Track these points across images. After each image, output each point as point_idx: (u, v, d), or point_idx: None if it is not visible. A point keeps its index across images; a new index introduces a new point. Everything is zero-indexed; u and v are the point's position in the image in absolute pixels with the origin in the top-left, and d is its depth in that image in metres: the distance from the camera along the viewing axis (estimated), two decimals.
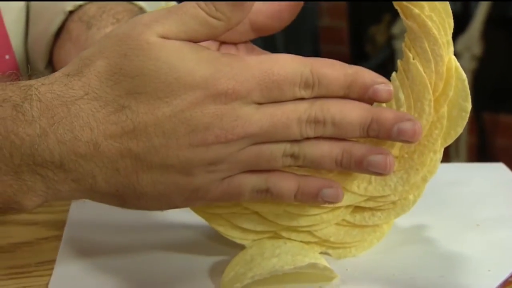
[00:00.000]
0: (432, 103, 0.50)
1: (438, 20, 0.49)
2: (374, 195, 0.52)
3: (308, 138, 0.47)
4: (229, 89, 0.45)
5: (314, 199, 0.49)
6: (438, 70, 0.49)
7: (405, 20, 0.50)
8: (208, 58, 0.45)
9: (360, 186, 0.52)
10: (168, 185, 0.47)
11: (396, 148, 0.51)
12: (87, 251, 0.56)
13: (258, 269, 0.50)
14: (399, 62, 0.51)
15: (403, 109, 0.50)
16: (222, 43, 0.56)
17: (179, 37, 0.45)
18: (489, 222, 0.58)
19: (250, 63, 0.46)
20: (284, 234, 0.53)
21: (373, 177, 0.52)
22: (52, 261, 0.55)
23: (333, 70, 0.47)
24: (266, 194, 0.49)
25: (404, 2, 0.49)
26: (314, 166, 0.49)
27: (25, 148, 0.44)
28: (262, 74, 0.46)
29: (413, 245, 0.55)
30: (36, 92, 0.45)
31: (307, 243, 0.54)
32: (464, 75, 0.50)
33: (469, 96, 0.50)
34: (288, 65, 0.46)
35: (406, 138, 0.47)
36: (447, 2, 0.49)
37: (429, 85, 0.49)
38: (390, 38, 2.30)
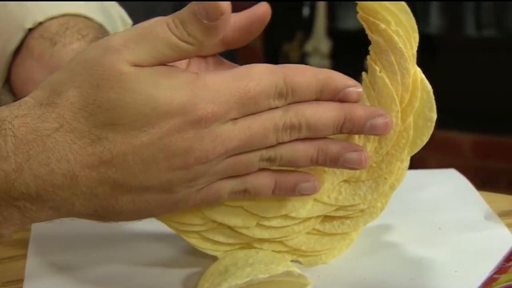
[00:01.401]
0: (399, 114, 0.52)
1: (404, 35, 0.51)
2: (344, 205, 0.53)
3: (283, 142, 0.49)
4: (208, 113, 0.45)
5: (292, 193, 0.51)
6: (404, 82, 0.51)
7: (371, 34, 0.51)
8: (184, 82, 0.45)
9: (331, 196, 0.53)
10: (148, 202, 0.47)
11: None
12: (54, 267, 0.55)
13: (233, 279, 0.50)
14: (364, 75, 0.52)
15: None
16: None
17: (150, 63, 0.45)
18: (450, 225, 0.60)
19: (226, 81, 0.46)
20: (256, 244, 0.54)
21: (343, 187, 0.53)
22: (19, 280, 0.54)
23: (305, 78, 0.48)
24: (244, 194, 0.50)
25: (370, 18, 0.51)
26: (290, 165, 0.50)
27: (1, 183, 0.44)
28: (239, 93, 0.46)
29: (382, 250, 0.57)
30: (10, 126, 0.44)
31: (279, 252, 0.55)
32: (430, 87, 0.52)
33: (434, 107, 0.52)
34: (262, 78, 0.47)
35: (378, 133, 0.50)
36: (413, 18, 0.51)
37: (396, 96, 0.51)
38: (303, 55, 2.35)
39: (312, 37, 2.35)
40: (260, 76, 0.47)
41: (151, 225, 0.56)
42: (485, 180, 2.24)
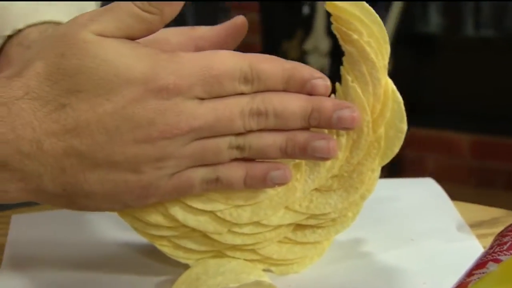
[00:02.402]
0: (370, 124, 0.52)
1: (376, 46, 0.51)
2: (315, 213, 0.54)
3: (252, 131, 0.49)
4: (170, 84, 0.46)
5: (263, 182, 0.51)
6: (376, 92, 0.51)
7: (344, 45, 0.52)
8: (147, 54, 0.46)
9: (302, 205, 0.53)
10: (117, 183, 0.47)
11: (336, 167, 0.53)
12: (29, 273, 0.56)
13: (203, 287, 0.51)
14: (337, 85, 0.53)
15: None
16: None
17: (115, 35, 0.47)
18: (422, 235, 0.60)
19: (190, 59, 0.47)
20: (228, 253, 0.54)
21: (314, 195, 0.53)
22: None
23: (271, 65, 0.48)
24: (216, 184, 0.50)
25: (343, 28, 0.51)
26: (259, 156, 0.50)
27: None
28: (202, 70, 0.47)
29: (352, 260, 0.57)
30: None
31: (251, 260, 0.55)
32: (400, 98, 0.52)
33: (405, 118, 0.52)
34: (227, 60, 0.47)
35: (345, 125, 0.50)
36: (385, 29, 0.51)
37: (367, 107, 0.51)
38: (303, 54, 2.35)
39: (311, 35, 2.35)
40: (225, 58, 0.48)
41: (124, 232, 0.56)
42: (483, 180, 2.25)
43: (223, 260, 0.54)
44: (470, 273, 0.44)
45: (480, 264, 0.45)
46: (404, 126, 0.53)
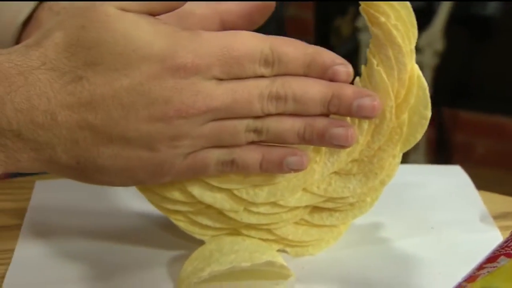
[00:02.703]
0: (393, 110, 0.51)
1: (403, 30, 0.50)
2: (333, 196, 0.53)
3: (270, 115, 0.48)
4: (188, 63, 0.45)
5: (279, 167, 0.50)
6: (401, 77, 0.50)
7: (371, 27, 0.51)
8: (167, 31, 0.46)
9: (320, 187, 0.53)
10: (131, 159, 0.47)
11: (356, 152, 0.52)
12: (47, 239, 0.57)
13: (216, 264, 0.51)
14: (363, 67, 0.52)
15: None
16: None
17: (137, 10, 0.46)
18: (443, 225, 0.59)
19: (210, 38, 0.46)
20: (243, 231, 0.54)
21: (333, 179, 0.53)
22: (13, 250, 0.55)
23: (293, 49, 0.48)
24: (232, 166, 0.50)
25: (371, 10, 0.50)
26: (277, 141, 0.49)
27: None
28: (221, 50, 0.46)
29: (369, 246, 0.57)
30: None
31: (266, 240, 0.55)
32: (426, 84, 0.51)
33: (429, 104, 0.51)
34: (248, 41, 0.47)
35: (365, 114, 0.49)
36: (413, 13, 0.50)
37: (391, 91, 0.50)
38: (355, 31, 2.32)
39: None
40: (246, 39, 0.47)
41: (143, 205, 0.56)
42: None
43: (237, 238, 0.54)
44: (480, 267, 0.43)
45: (492, 258, 0.44)
46: (428, 113, 0.52)
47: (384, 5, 0.49)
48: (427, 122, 0.52)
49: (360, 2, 0.51)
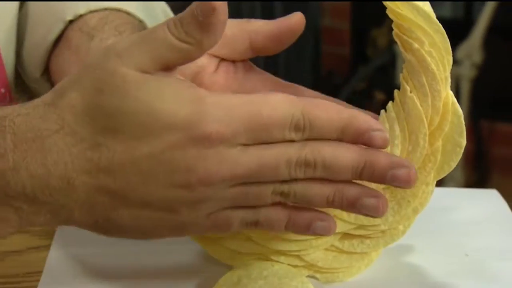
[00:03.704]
0: (427, 137, 0.50)
1: (438, 56, 0.49)
2: (364, 224, 0.52)
3: (298, 179, 0.46)
4: (213, 133, 0.43)
5: (306, 231, 0.48)
6: (435, 104, 0.50)
7: (404, 53, 0.50)
8: (191, 97, 0.44)
9: (351, 215, 0.52)
10: (151, 220, 0.46)
11: None
12: (75, 261, 0.56)
13: None
14: (396, 92, 0.51)
15: (398, 141, 0.50)
16: (222, 59, 0.56)
17: (153, 67, 0.44)
18: (478, 252, 0.58)
19: (237, 104, 0.44)
20: (272, 257, 0.54)
21: None
22: (40, 272, 0.55)
23: (327, 113, 0.45)
24: (256, 226, 0.48)
25: (404, 36, 0.49)
26: (305, 204, 0.47)
27: None
28: (249, 117, 0.44)
29: (401, 273, 0.56)
30: (11, 124, 0.45)
31: (295, 266, 0.54)
32: (461, 111, 0.50)
33: (464, 132, 0.50)
34: (278, 106, 0.44)
35: (400, 184, 0.47)
36: (447, 40, 0.49)
37: (425, 119, 0.50)
38: (392, 42, 2.30)
39: None
40: (277, 103, 0.44)
41: None
42: None
43: (266, 264, 0.53)
44: None
45: None
46: (463, 141, 0.51)
47: (417, 31, 0.49)
48: (461, 150, 0.51)
49: (394, 28, 0.50)
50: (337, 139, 0.46)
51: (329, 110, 0.45)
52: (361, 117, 0.45)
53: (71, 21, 0.65)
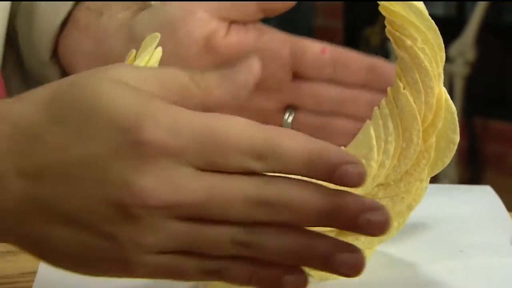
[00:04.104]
0: (420, 134, 0.50)
1: (431, 53, 0.49)
2: None
3: (262, 224, 0.39)
4: (156, 141, 0.37)
5: (273, 286, 0.41)
6: (428, 101, 0.50)
7: (397, 50, 0.50)
8: (141, 98, 0.39)
9: None
10: (86, 246, 0.39)
11: (382, 176, 0.51)
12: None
13: None
14: (389, 89, 0.51)
15: (391, 138, 0.50)
16: (232, 22, 0.56)
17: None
18: (473, 248, 0.58)
19: (190, 115, 0.39)
20: None
21: None
22: (34, 272, 0.54)
23: (293, 142, 0.39)
24: (219, 278, 0.41)
25: (397, 33, 0.49)
26: (274, 260, 0.40)
27: None
28: (203, 131, 0.38)
29: (396, 269, 0.56)
30: None
31: None
32: (454, 108, 0.50)
33: (458, 128, 0.51)
34: (238, 127, 0.39)
35: (372, 232, 0.40)
36: (440, 36, 0.49)
37: (418, 115, 0.50)
38: (384, 41, 2.31)
39: None
40: (237, 124, 0.39)
41: None
42: None
43: None
44: None
45: None
46: (457, 137, 0.51)
47: (410, 28, 0.49)
48: (455, 147, 0.51)
49: (386, 25, 0.50)
50: (305, 175, 0.40)
51: (297, 139, 0.39)
52: (333, 149, 0.40)
53: (77, 2, 0.66)
